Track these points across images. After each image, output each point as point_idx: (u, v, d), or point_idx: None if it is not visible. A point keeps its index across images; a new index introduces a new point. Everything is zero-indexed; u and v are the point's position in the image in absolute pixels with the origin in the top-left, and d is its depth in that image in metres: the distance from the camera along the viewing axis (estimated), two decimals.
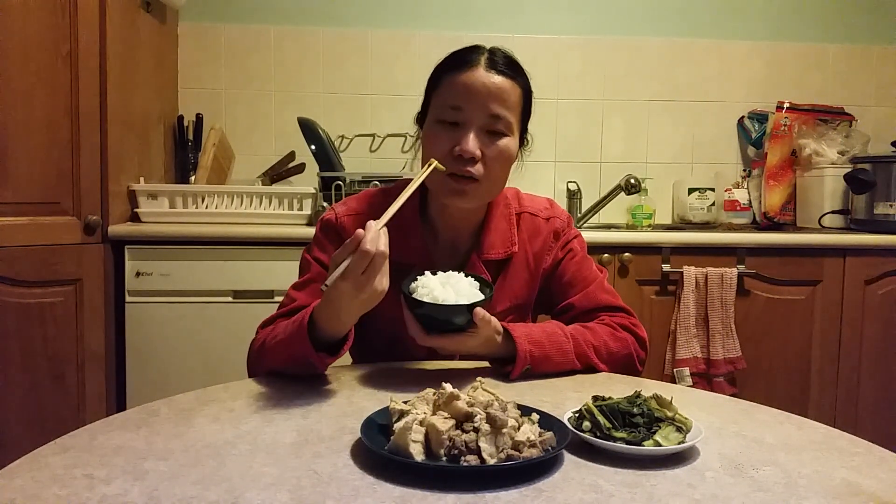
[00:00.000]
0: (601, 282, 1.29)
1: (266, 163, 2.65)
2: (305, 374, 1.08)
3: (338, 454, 0.80)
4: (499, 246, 1.24)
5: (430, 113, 1.20)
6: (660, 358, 2.26)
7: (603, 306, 1.26)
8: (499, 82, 1.16)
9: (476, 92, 1.14)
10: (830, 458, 0.82)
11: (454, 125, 1.15)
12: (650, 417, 0.83)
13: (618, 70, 2.81)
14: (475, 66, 1.15)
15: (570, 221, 1.33)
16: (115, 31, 2.03)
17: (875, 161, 2.45)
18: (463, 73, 1.15)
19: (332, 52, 2.72)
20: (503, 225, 1.26)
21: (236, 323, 2.08)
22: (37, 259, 1.91)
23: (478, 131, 1.15)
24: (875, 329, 2.29)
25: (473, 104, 1.14)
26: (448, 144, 1.15)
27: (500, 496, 0.70)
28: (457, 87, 1.15)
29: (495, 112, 1.15)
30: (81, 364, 1.99)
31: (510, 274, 1.26)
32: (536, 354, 1.10)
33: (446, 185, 1.16)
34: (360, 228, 0.97)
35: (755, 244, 2.26)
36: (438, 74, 1.20)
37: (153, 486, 0.71)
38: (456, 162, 1.14)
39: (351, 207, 1.26)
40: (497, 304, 1.24)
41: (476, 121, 1.15)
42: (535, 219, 1.29)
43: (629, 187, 2.56)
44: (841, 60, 2.87)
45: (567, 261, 1.29)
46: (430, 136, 1.18)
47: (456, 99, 1.15)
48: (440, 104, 1.17)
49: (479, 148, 1.14)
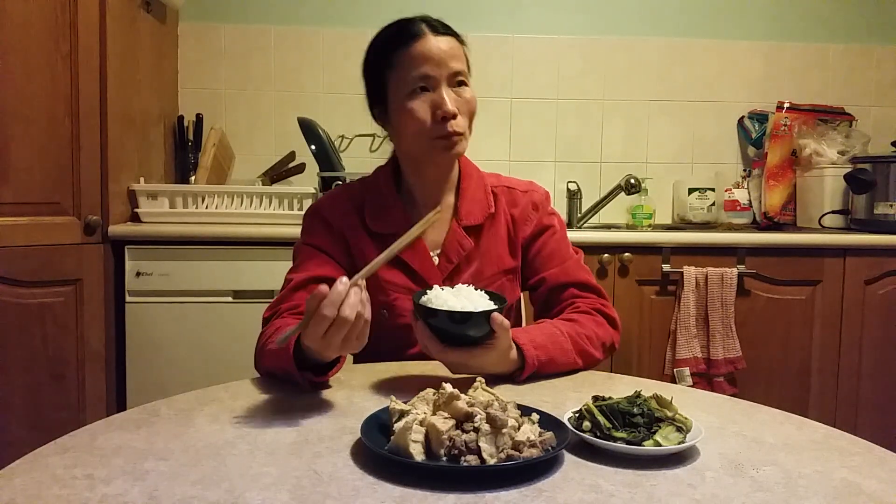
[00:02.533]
0: (578, 260, 1.33)
1: (266, 163, 2.65)
2: (283, 380, 1.06)
3: (338, 454, 0.80)
4: (476, 212, 1.28)
5: (396, 91, 1.24)
6: (660, 358, 2.26)
7: (577, 282, 1.29)
8: (447, 41, 1.24)
9: (436, 56, 1.21)
10: (830, 458, 0.82)
11: (424, 90, 1.21)
12: (650, 417, 0.83)
13: (618, 70, 2.81)
14: (423, 35, 1.22)
15: (548, 197, 1.37)
16: (115, 31, 2.03)
17: (875, 161, 2.45)
18: (416, 44, 1.21)
19: (332, 52, 2.72)
20: (479, 194, 1.31)
21: (236, 323, 2.08)
22: (37, 259, 1.91)
23: (448, 89, 1.22)
24: (875, 329, 2.29)
25: (438, 67, 1.20)
26: (428, 111, 1.20)
27: (500, 496, 0.70)
28: (416, 58, 1.21)
29: (456, 68, 1.22)
30: (81, 364, 1.99)
31: (492, 239, 1.29)
32: (543, 359, 1.10)
33: (435, 147, 1.22)
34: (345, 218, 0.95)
35: (755, 244, 2.26)
36: (387, 55, 1.25)
37: (153, 486, 0.71)
38: (441, 124, 1.20)
39: (330, 194, 1.34)
40: (485, 269, 1.27)
41: (444, 81, 1.21)
42: (512, 191, 1.34)
43: (629, 187, 2.56)
44: (841, 60, 2.87)
45: (548, 236, 1.33)
46: (407, 111, 1.22)
47: (419, 68, 1.20)
48: (404, 81, 1.22)
49: (454, 105, 1.20)
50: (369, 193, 1.30)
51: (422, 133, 1.21)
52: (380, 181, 1.32)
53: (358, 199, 1.30)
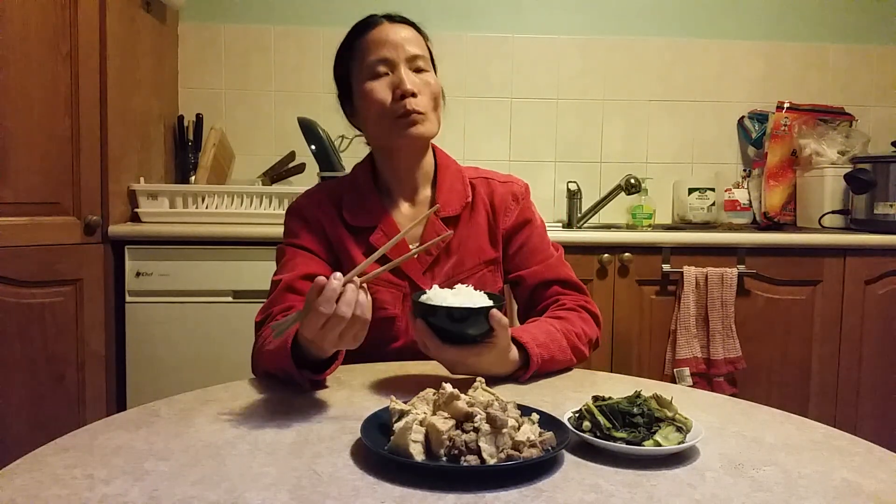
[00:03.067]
0: (560, 257, 1.34)
1: (266, 163, 2.65)
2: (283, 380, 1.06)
3: (338, 454, 0.80)
4: (454, 202, 1.29)
5: (357, 79, 1.27)
6: (660, 358, 2.26)
7: (560, 279, 1.30)
8: (404, 29, 1.27)
9: (392, 40, 1.24)
10: (830, 458, 0.82)
11: (385, 75, 1.23)
12: (650, 417, 0.83)
13: (618, 70, 2.81)
14: (380, 23, 1.26)
15: (528, 190, 1.38)
16: (115, 31, 2.03)
17: (875, 161, 2.45)
18: (373, 30, 1.26)
19: (332, 52, 2.69)
20: (457, 185, 1.31)
21: (236, 323, 2.08)
22: (37, 259, 1.91)
23: (407, 69, 1.23)
24: (875, 329, 2.29)
25: (394, 50, 1.23)
26: (387, 90, 1.22)
27: (500, 496, 0.70)
28: (373, 43, 1.24)
29: (415, 52, 1.25)
30: (81, 364, 1.99)
31: (471, 229, 1.29)
32: (546, 357, 1.11)
33: (397, 126, 1.23)
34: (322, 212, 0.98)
35: (755, 244, 2.26)
36: (347, 48, 1.29)
37: (153, 486, 0.71)
38: (400, 103, 1.21)
39: (308, 192, 1.35)
40: (467, 261, 1.27)
41: (402, 62, 1.23)
42: (490, 181, 1.35)
43: (629, 187, 2.56)
44: (841, 60, 2.87)
45: (529, 229, 1.33)
46: (367, 94, 1.24)
47: (377, 52, 1.23)
48: (364, 66, 1.25)
49: (414, 85, 1.22)
50: (347, 189, 1.31)
51: (383, 114, 1.23)
52: (357, 176, 1.33)
53: (336, 195, 1.31)
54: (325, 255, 1.26)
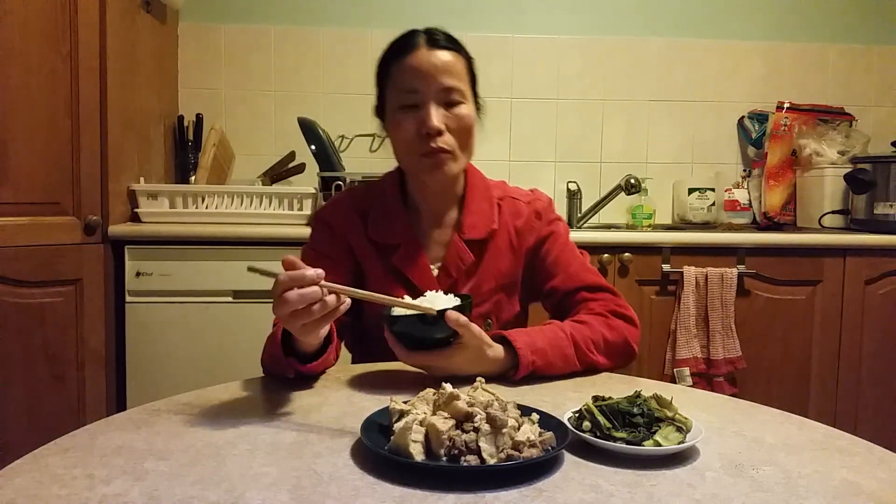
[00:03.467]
0: (583, 262, 1.32)
1: (266, 163, 2.65)
2: (285, 376, 1.06)
3: (338, 454, 0.80)
4: (480, 226, 1.27)
5: (389, 103, 1.24)
6: (660, 358, 2.26)
7: (586, 285, 1.27)
8: (443, 56, 1.21)
9: (426, 70, 1.19)
10: (830, 458, 0.82)
11: (414, 108, 1.20)
12: (650, 417, 0.83)
13: (618, 70, 2.82)
14: (417, 47, 1.21)
15: (551, 204, 1.36)
16: (115, 31, 2.03)
17: (875, 161, 2.45)
18: (408, 57, 1.21)
19: (332, 52, 2.72)
20: (484, 206, 1.29)
21: (236, 323, 2.08)
22: (37, 259, 1.91)
23: (436, 107, 1.19)
24: (875, 329, 2.29)
25: (426, 82, 1.19)
26: (413, 127, 1.20)
27: (500, 496, 0.70)
28: (406, 71, 1.20)
29: (447, 84, 1.20)
30: (81, 364, 1.99)
31: (493, 253, 1.28)
32: (539, 364, 1.09)
33: (422, 164, 1.21)
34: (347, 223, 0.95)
35: (755, 244, 2.26)
36: (385, 65, 1.25)
37: (153, 486, 0.71)
38: (425, 140, 1.19)
39: (336, 199, 1.34)
40: (484, 284, 1.26)
41: (432, 96, 1.19)
42: (516, 202, 1.33)
43: (629, 187, 2.56)
44: (841, 60, 2.87)
45: (551, 242, 1.31)
46: (394, 124, 1.23)
47: (409, 82, 1.20)
48: (395, 92, 1.22)
49: (441, 121, 1.19)
50: (375, 200, 1.29)
51: (409, 149, 1.21)
52: (385, 188, 1.31)
53: (363, 206, 1.29)
54: (347, 265, 1.26)
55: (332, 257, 1.25)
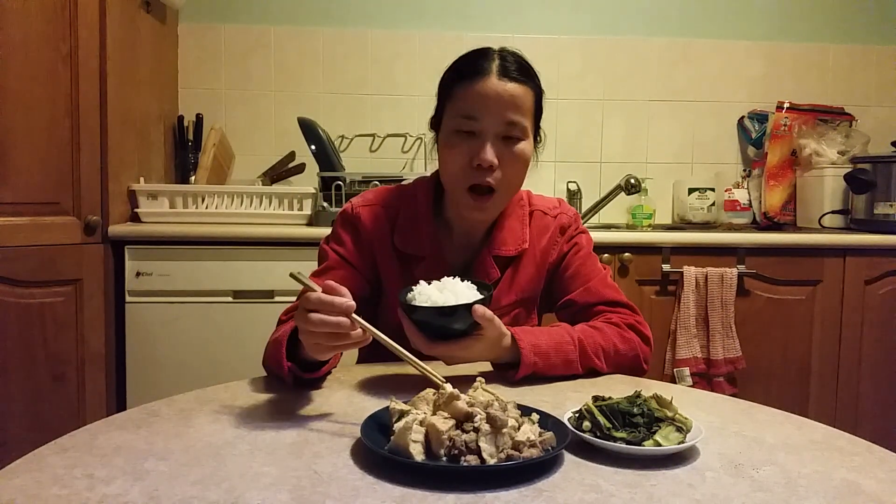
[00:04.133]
0: (604, 277, 1.29)
1: (266, 163, 2.65)
2: (281, 379, 1.06)
3: (338, 454, 0.80)
4: (510, 243, 1.25)
5: (445, 122, 1.20)
6: (660, 358, 2.26)
7: (604, 300, 1.25)
8: (512, 89, 1.16)
9: (490, 101, 1.14)
10: (830, 458, 0.82)
11: (470, 134, 1.16)
12: (650, 417, 0.83)
13: (618, 70, 2.81)
14: (487, 75, 1.15)
15: (577, 218, 1.34)
16: (115, 31, 2.03)
17: (875, 161, 2.45)
18: (476, 83, 1.15)
19: (332, 52, 2.72)
20: (516, 224, 1.27)
21: (236, 323, 2.08)
22: (37, 259, 1.91)
23: (494, 139, 1.15)
24: (875, 329, 2.29)
25: (488, 113, 1.14)
26: (466, 155, 1.16)
27: (500, 496, 0.70)
28: (470, 97, 1.15)
29: (511, 119, 1.15)
30: (81, 364, 1.99)
31: (519, 270, 1.27)
32: (540, 366, 1.09)
33: (466, 200, 1.18)
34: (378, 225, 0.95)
35: (755, 244, 2.26)
36: (450, 83, 1.19)
37: (153, 486, 0.71)
38: (475, 172, 1.15)
39: (367, 199, 1.28)
40: (503, 298, 1.24)
41: (492, 129, 1.15)
42: (544, 216, 1.31)
43: (629, 187, 2.56)
44: (841, 60, 2.87)
45: (571, 255, 1.30)
46: (447, 147, 1.19)
47: (471, 109, 1.15)
48: (455, 114, 1.17)
49: (496, 156, 1.15)
50: (404, 206, 1.26)
51: (456, 177, 1.18)
52: (417, 195, 1.27)
53: (392, 211, 1.25)
54: (367, 273, 1.24)
55: (354, 265, 1.23)
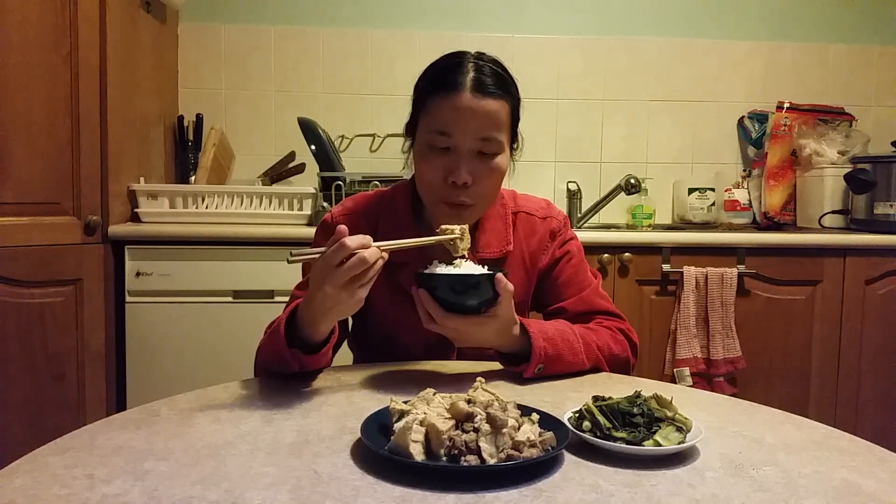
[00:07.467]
0: (596, 287, 1.29)
1: (266, 163, 2.65)
2: (285, 372, 1.07)
3: (338, 454, 0.80)
4: (494, 245, 1.24)
5: (420, 134, 1.18)
6: (660, 358, 2.26)
7: (598, 310, 1.26)
8: (487, 105, 1.12)
9: (465, 118, 1.11)
10: (830, 458, 0.82)
11: (445, 150, 1.14)
12: (650, 417, 0.83)
13: (618, 70, 2.82)
14: (461, 90, 1.11)
15: (566, 222, 1.33)
16: (115, 31, 2.03)
17: (875, 161, 2.45)
18: (450, 98, 1.12)
19: (332, 52, 2.72)
20: (499, 224, 1.26)
21: (236, 323, 2.08)
22: (37, 259, 1.91)
23: (469, 155, 1.13)
24: (875, 329, 2.29)
25: (463, 130, 1.12)
26: (440, 172, 1.14)
27: (500, 496, 0.70)
28: (444, 112, 1.12)
29: (486, 136, 1.13)
30: (81, 364, 1.99)
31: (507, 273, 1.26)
32: (550, 353, 1.09)
33: (441, 210, 1.17)
34: (359, 233, 0.95)
35: (755, 244, 2.26)
36: (424, 94, 1.17)
37: (153, 486, 0.71)
38: (450, 189, 1.14)
39: (346, 207, 1.28)
40: None
41: (466, 145, 1.13)
42: (531, 218, 1.29)
43: (629, 187, 2.56)
44: (841, 60, 2.87)
45: (564, 263, 1.29)
46: (421, 161, 1.17)
47: (444, 125, 1.12)
48: (429, 128, 1.15)
49: (471, 173, 1.13)
50: (385, 214, 1.25)
51: (432, 190, 1.16)
52: (397, 202, 1.26)
53: (372, 217, 1.25)
54: None
55: None
